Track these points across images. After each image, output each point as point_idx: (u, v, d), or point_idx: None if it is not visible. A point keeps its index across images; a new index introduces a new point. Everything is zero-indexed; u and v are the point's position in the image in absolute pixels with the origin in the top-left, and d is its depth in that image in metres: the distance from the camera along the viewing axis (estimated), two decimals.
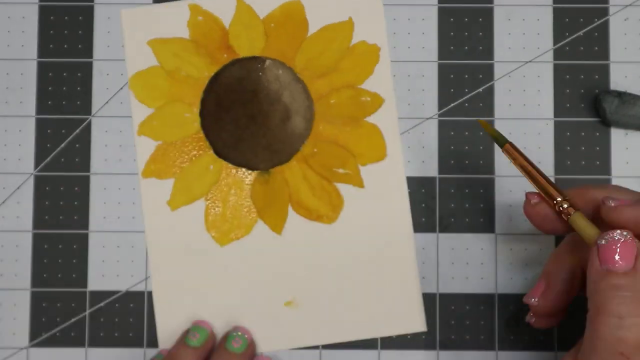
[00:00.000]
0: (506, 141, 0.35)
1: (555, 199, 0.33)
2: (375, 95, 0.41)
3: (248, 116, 0.41)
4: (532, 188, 0.34)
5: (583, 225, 0.32)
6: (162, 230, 0.41)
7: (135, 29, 0.41)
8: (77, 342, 0.40)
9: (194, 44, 0.41)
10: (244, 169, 0.41)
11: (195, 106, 0.41)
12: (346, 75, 0.41)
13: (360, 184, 0.41)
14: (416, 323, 0.40)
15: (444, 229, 0.41)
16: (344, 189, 0.41)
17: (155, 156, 0.41)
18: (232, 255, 0.40)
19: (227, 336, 0.39)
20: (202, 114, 0.41)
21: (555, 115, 0.41)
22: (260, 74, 0.41)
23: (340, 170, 0.41)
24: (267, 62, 0.41)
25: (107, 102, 0.41)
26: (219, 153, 0.41)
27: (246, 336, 0.39)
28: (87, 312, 0.41)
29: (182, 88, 0.41)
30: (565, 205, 0.33)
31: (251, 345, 0.39)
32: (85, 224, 0.41)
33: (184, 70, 0.41)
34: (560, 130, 0.41)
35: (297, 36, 0.41)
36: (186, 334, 0.39)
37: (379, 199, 0.41)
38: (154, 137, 0.41)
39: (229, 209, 0.41)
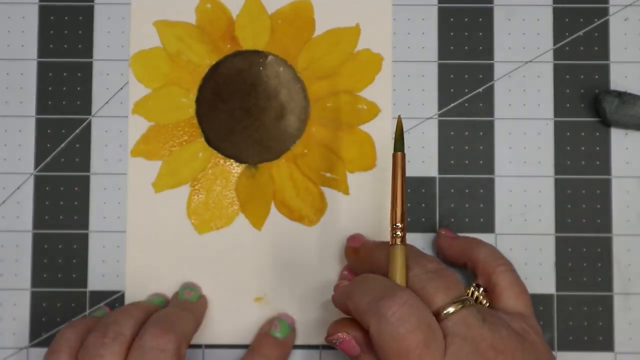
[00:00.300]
0: (402, 150, 0.34)
1: (395, 224, 0.33)
2: (372, 105, 0.41)
3: (243, 109, 0.41)
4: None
5: (398, 260, 0.32)
6: (143, 211, 0.41)
7: (143, 7, 0.41)
8: None
9: (199, 30, 0.41)
10: (232, 161, 0.41)
11: (193, 92, 0.41)
12: (346, 80, 0.41)
13: (345, 190, 0.41)
14: None
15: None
16: (329, 193, 0.41)
17: (146, 136, 0.41)
18: (209, 244, 0.41)
19: (177, 292, 0.40)
20: (198, 100, 0.41)
21: (555, 115, 0.41)
22: (261, 68, 0.41)
23: (328, 175, 0.41)
24: (269, 57, 0.41)
25: (107, 102, 0.41)
26: (210, 142, 0.41)
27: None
28: (87, 312, 0.41)
29: (182, 72, 0.41)
30: (399, 233, 0.33)
31: (202, 297, 0.40)
32: (85, 224, 0.41)
33: (185, 55, 0.41)
34: (560, 130, 0.41)
35: (302, 35, 0.41)
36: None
37: (362, 208, 0.41)
38: (147, 117, 0.41)
39: (212, 198, 0.41)
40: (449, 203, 0.41)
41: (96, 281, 0.41)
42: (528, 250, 0.41)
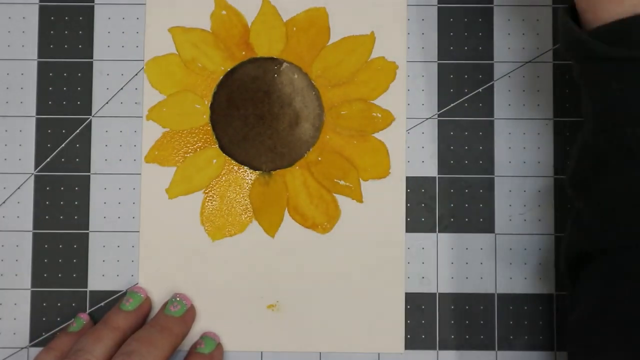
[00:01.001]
0: None
1: None
2: (386, 113, 0.41)
3: (257, 116, 0.41)
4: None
5: None
6: (156, 217, 0.41)
7: (158, 13, 0.41)
8: None
9: (214, 36, 0.41)
10: (246, 168, 0.41)
11: (207, 99, 0.41)
12: (360, 88, 0.41)
13: (359, 198, 0.41)
14: (395, 344, 0.40)
15: (444, 228, 0.41)
16: (343, 201, 0.41)
17: (160, 142, 0.41)
18: (222, 251, 0.41)
19: (166, 302, 0.40)
20: (213, 107, 0.41)
21: (555, 115, 0.41)
22: (276, 75, 0.41)
23: (342, 182, 0.41)
24: (284, 65, 0.41)
25: (107, 102, 0.41)
26: (223, 148, 0.41)
27: (185, 302, 0.39)
28: (87, 312, 0.41)
29: (196, 79, 0.41)
30: None
31: (190, 311, 0.40)
32: (85, 224, 0.41)
33: (200, 61, 0.41)
34: (560, 130, 0.41)
35: (317, 43, 0.41)
36: (121, 299, 0.39)
37: (375, 215, 0.41)
38: (161, 123, 0.41)
39: (225, 205, 0.41)
40: (448, 203, 0.41)
41: (96, 281, 0.41)
42: (528, 250, 0.41)
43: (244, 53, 0.41)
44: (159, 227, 0.41)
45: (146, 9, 0.42)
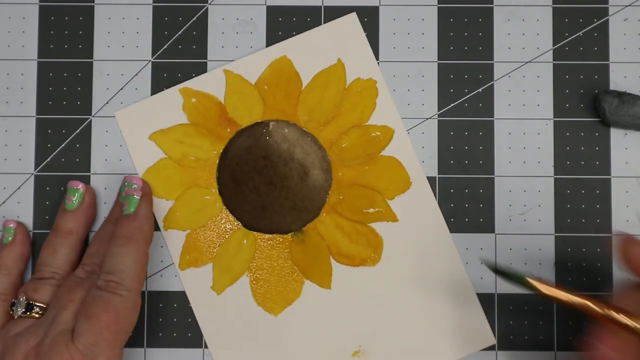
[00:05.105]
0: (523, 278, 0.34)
1: (603, 310, 0.32)
2: (384, 128, 0.41)
3: (266, 182, 0.41)
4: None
5: None
6: (213, 316, 0.40)
7: (133, 127, 0.41)
8: None
9: (194, 126, 0.41)
10: (276, 235, 0.41)
11: (213, 186, 0.41)
12: (350, 115, 0.41)
13: (393, 218, 0.40)
14: (486, 337, 0.40)
15: None
16: (380, 227, 0.40)
17: (187, 246, 0.41)
18: (289, 321, 0.40)
19: (119, 190, 0.40)
20: (221, 192, 0.41)
21: (555, 115, 0.41)
22: (267, 138, 0.41)
23: (371, 210, 0.40)
24: (271, 124, 0.41)
25: (107, 102, 0.41)
26: (248, 226, 0.41)
27: (134, 183, 0.39)
28: None
29: (195, 172, 0.41)
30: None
31: (145, 189, 0.39)
32: None
33: (191, 155, 0.41)
34: (560, 130, 0.41)
35: (292, 91, 0.41)
36: (63, 200, 0.39)
37: (416, 227, 0.40)
38: (180, 228, 0.41)
39: (273, 278, 0.40)
40: (449, 203, 0.41)
41: None
42: (528, 250, 0.41)
43: (229, 130, 0.41)
44: (218, 322, 0.40)
45: (119, 126, 0.41)
